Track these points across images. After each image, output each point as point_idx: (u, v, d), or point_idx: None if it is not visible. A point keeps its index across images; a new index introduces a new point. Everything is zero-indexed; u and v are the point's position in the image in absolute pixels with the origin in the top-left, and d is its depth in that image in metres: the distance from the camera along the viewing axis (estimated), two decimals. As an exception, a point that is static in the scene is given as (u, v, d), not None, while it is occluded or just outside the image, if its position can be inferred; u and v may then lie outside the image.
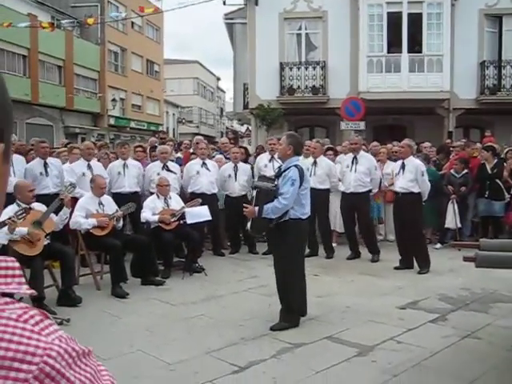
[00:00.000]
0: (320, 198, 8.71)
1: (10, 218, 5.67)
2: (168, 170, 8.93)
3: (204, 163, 9.21)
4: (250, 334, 5.26)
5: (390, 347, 4.87)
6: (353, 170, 8.79)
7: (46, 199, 6.97)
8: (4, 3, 23.84)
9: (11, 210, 6.04)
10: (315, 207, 7.68)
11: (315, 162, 9.15)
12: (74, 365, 0.69)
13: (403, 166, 8.08)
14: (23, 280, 0.76)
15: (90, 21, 20.53)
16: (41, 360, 0.66)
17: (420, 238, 8.19)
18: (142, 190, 9.05)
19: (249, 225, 5.72)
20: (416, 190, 7.98)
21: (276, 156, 8.91)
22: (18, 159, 8.35)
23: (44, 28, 18.85)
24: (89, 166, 8.45)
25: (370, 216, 9.43)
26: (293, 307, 5.50)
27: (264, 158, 9.79)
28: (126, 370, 4.41)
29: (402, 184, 8.05)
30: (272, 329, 5.34)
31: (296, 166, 5.41)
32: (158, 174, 8.66)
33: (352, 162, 8.86)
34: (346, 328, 5.40)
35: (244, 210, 5.67)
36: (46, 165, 8.27)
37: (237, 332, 5.32)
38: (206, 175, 9.12)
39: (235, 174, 9.40)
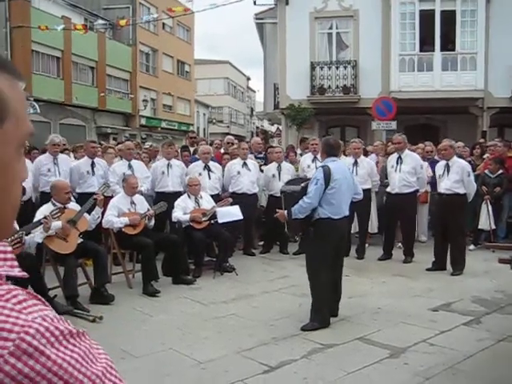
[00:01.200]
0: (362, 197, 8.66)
1: (45, 218, 5.78)
2: (209, 170, 9.00)
3: (245, 163, 9.26)
4: (280, 333, 5.25)
5: (423, 349, 4.81)
6: (397, 170, 8.66)
7: (89, 198, 7.04)
8: (40, 7, 24.34)
9: (46, 208, 6.17)
10: (356, 207, 7.67)
11: (356, 162, 9.09)
12: (57, 343, 0.69)
13: (447, 167, 7.92)
14: (16, 263, 0.76)
15: (123, 22, 20.76)
16: (17, 337, 0.66)
17: (460, 240, 8.05)
18: (184, 189, 9.11)
19: (286, 227, 5.88)
20: (462, 191, 7.83)
21: (319, 156, 8.91)
22: (63, 158, 8.57)
23: (78, 30, 19.14)
24: (129, 166, 8.57)
25: (415, 217, 9.28)
26: (321, 307, 5.48)
27: (307, 158, 9.82)
28: (158, 367, 4.45)
29: (447, 185, 7.88)
30: (303, 329, 5.33)
31: (323, 166, 5.54)
32: (200, 174, 8.74)
33: (396, 162, 8.72)
34: (377, 329, 5.35)
35: (275, 215, 5.97)
36: (93, 164, 8.49)
37: (268, 332, 5.32)
38: (247, 175, 9.19)
39: (279, 174, 9.44)
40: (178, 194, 8.67)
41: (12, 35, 22.49)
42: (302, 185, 5.61)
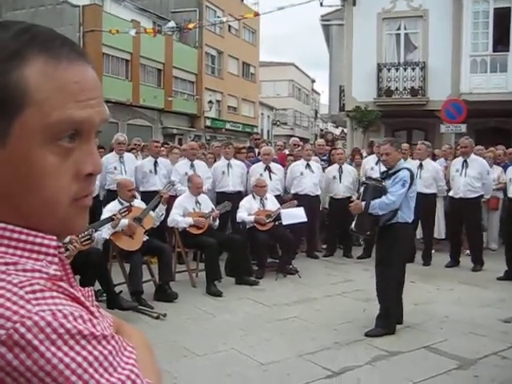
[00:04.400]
0: (426, 202, 8.45)
1: (114, 215, 5.93)
2: (270, 171, 9.00)
3: (308, 165, 9.20)
4: (344, 338, 5.16)
5: (494, 362, 4.59)
6: (463, 175, 8.40)
7: (152, 196, 7.15)
8: (111, 11, 25.11)
9: (113, 206, 6.32)
10: (420, 212, 7.44)
11: (421, 165, 8.86)
12: (60, 342, 0.63)
13: None
14: (56, 260, 0.73)
15: (191, 25, 21.13)
16: (12, 326, 0.62)
17: None
18: (245, 189, 9.16)
19: (353, 223, 5.64)
20: None
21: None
22: (128, 157, 8.79)
23: (148, 33, 19.60)
24: (192, 166, 8.68)
25: (481, 223, 8.98)
26: (391, 314, 5.34)
27: (371, 160, 9.66)
28: (220, 367, 4.45)
29: None
30: (367, 334, 5.21)
31: (407, 168, 5.39)
32: (261, 175, 8.75)
33: (462, 166, 8.45)
34: (444, 338, 5.16)
35: (350, 205, 5.65)
36: (156, 163, 8.66)
37: (330, 336, 5.24)
38: (309, 176, 9.14)
39: (340, 176, 9.33)
40: (238, 194, 8.71)
41: (85, 39, 23.29)
42: (383, 183, 5.44)
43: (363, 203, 5.37)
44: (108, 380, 0.66)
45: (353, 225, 5.68)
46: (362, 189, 5.72)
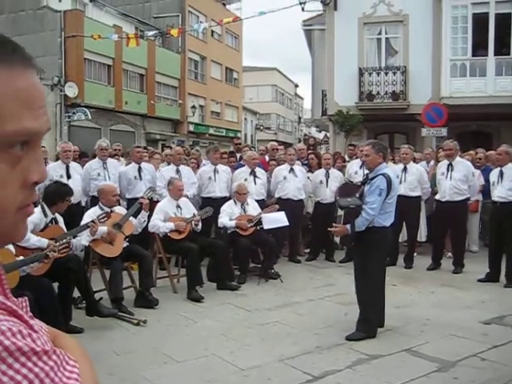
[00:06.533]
0: (411, 205, 8.50)
1: (92, 221, 5.87)
2: (255, 175, 8.99)
3: (292, 169, 9.21)
4: (325, 342, 5.15)
5: (474, 364, 4.61)
6: (448, 177, 8.45)
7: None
8: (92, 16, 24.99)
9: (93, 212, 6.26)
10: (406, 215, 7.45)
11: (405, 168, 8.92)
12: (11, 360, 0.61)
13: (501, 174, 7.66)
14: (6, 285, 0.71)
15: (174, 32, 21.06)
16: None
17: None
18: (230, 194, 9.13)
19: (338, 239, 5.66)
20: None
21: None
22: (112, 163, 8.71)
23: (130, 40, 19.52)
24: (177, 171, 8.64)
25: (466, 226, 9.03)
26: (371, 318, 5.34)
27: (354, 164, 9.69)
28: (200, 372, 4.42)
29: (501, 193, 7.60)
30: (348, 338, 5.21)
31: (384, 174, 5.30)
32: (246, 180, 8.73)
33: (447, 169, 8.50)
34: (425, 341, 5.18)
35: (333, 230, 5.65)
36: (140, 169, 8.58)
37: (312, 340, 5.23)
38: (293, 181, 9.14)
39: (326, 181, 9.35)
40: (224, 199, 8.69)
41: (66, 44, 23.13)
42: (357, 195, 5.41)
43: (347, 226, 5.35)
44: None
45: (337, 239, 5.71)
46: (342, 213, 5.71)
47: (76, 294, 5.68)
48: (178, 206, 7.33)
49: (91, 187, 8.34)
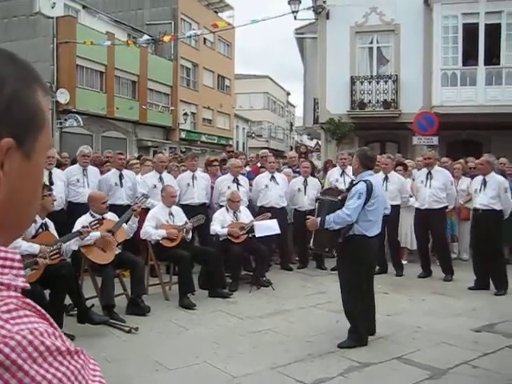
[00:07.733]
0: (391, 214, 8.51)
1: (85, 227, 5.85)
2: (238, 183, 8.99)
3: (273, 177, 9.21)
4: (316, 350, 5.15)
5: (465, 372, 4.63)
6: (427, 186, 8.55)
7: (119, 209, 7.17)
8: (85, 23, 24.99)
9: (85, 219, 6.24)
10: (385, 223, 7.42)
11: (386, 178, 8.98)
12: (41, 359, 0.65)
13: (484, 183, 7.75)
14: (22, 273, 0.74)
15: (166, 38, 21.14)
16: None
17: (498, 258, 7.82)
18: (209, 201, 9.12)
19: (311, 241, 5.65)
20: (498, 207, 7.65)
21: (347, 170, 8.85)
22: (92, 170, 8.66)
23: (127, 45, 19.56)
24: (160, 179, 8.63)
25: (446, 233, 9.12)
26: (357, 325, 5.33)
27: (335, 172, 9.69)
28: (192, 380, 4.42)
29: (483, 201, 7.70)
30: (339, 346, 5.21)
31: (365, 180, 5.33)
32: (229, 188, 8.72)
33: (426, 178, 8.61)
34: (416, 349, 5.19)
35: (306, 222, 5.64)
36: (121, 176, 8.54)
37: (303, 348, 5.23)
38: (275, 189, 9.13)
39: (305, 188, 9.34)
40: (203, 206, 8.67)
41: (58, 50, 23.12)
42: (340, 198, 5.46)
43: (318, 219, 5.38)
44: None
45: (311, 243, 5.70)
46: (316, 205, 5.73)
47: (67, 301, 5.65)
48: (171, 214, 7.32)
49: (70, 193, 8.29)
